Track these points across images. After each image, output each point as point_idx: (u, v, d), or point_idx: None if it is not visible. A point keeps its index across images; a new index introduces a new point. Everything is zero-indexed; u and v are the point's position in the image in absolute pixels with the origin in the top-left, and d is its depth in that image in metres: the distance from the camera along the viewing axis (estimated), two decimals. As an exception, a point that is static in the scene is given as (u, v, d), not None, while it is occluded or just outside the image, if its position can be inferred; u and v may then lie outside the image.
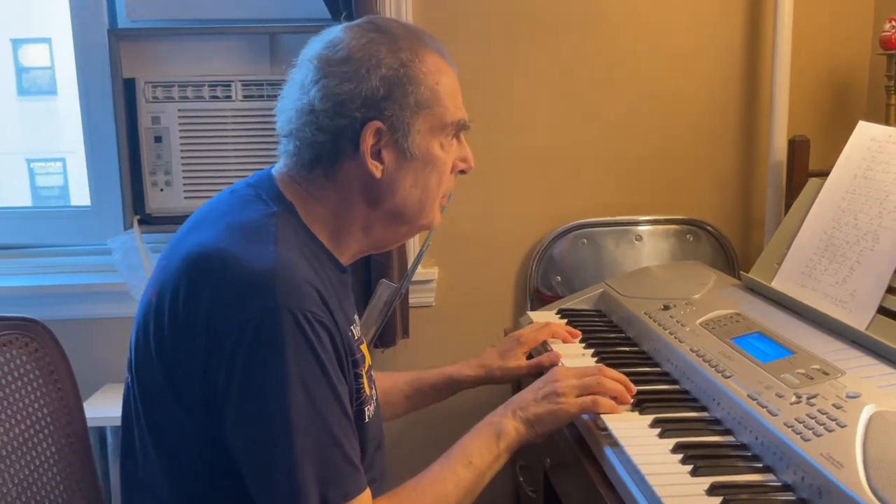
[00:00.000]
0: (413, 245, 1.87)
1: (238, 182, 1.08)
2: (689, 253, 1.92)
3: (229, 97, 1.86)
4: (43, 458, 1.26)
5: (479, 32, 1.88)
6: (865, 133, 1.41)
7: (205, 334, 0.91)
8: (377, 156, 1.02)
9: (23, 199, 6.51)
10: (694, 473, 0.98)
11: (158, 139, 1.87)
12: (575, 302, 1.73)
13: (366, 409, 1.06)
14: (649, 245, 1.93)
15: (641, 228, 1.94)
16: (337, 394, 0.94)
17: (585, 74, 1.91)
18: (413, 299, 1.91)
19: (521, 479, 1.72)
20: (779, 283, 1.44)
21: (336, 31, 1.04)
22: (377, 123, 1.01)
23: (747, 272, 1.52)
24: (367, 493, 0.98)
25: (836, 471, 0.88)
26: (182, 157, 1.87)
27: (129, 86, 1.87)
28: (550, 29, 1.89)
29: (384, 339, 1.79)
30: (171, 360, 0.95)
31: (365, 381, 1.06)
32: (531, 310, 1.87)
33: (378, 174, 1.02)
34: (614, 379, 1.17)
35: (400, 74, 1.01)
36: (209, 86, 1.86)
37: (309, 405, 0.90)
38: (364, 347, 1.12)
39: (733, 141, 1.95)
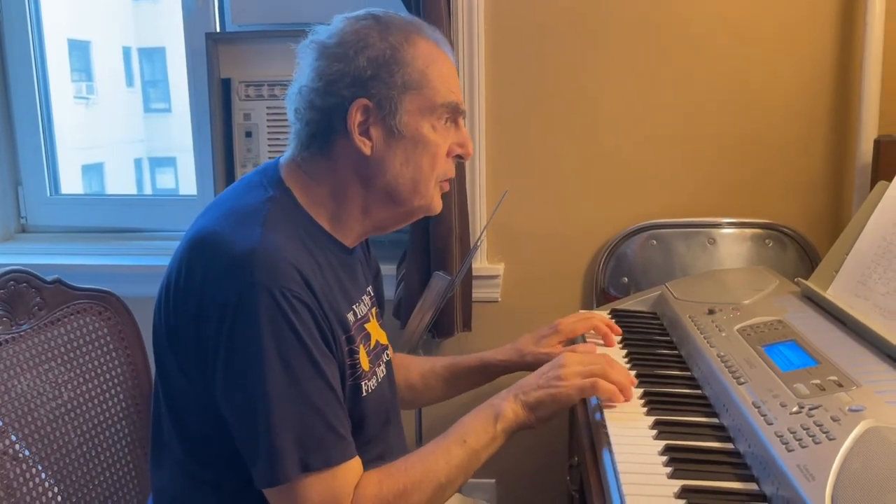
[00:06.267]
0: (474, 239, 1.91)
1: (251, 171, 1.18)
2: (767, 258, 1.83)
3: (312, 95, 1.98)
4: (109, 414, 1.42)
5: (551, 31, 1.88)
6: (937, 132, 1.29)
7: (196, 309, 1.00)
8: (366, 133, 1.07)
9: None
10: (671, 476, 0.96)
11: (249, 134, 2.02)
12: (632, 303, 1.70)
13: (363, 383, 1.11)
14: (723, 249, 1.86)
15: (716, 231, 1.86)
16: (318, 366, 0.99)
17: (663, 70, 1.86)
18: (478, 294, 1.95)
19: (568, 478, 1.72)
20: (833, 292, 1.35)
21: (336, 21, 1.11)
22: (364, 101, 1.06)
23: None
24: (355, 462, 1.03)
25: (806, 483, 0.83)
26: (269, 151, 2.02)
27: (227, 86, 2.04)
28: (624, 25, 1.86)
29: (440, 328, 1.84)
30: (173, 333, 1.05)
31: (364, 357, 1.11)
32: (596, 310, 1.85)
33: (367, 151, 1.07)
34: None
35: (387, 56, 1.06)
36: (295, 85, 1.99)
37: (287, 376, 0.97)
38: (371, 326, 1.18)
39: (821, 142, 1.83)
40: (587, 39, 1.87)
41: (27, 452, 1.27)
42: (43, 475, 1.29)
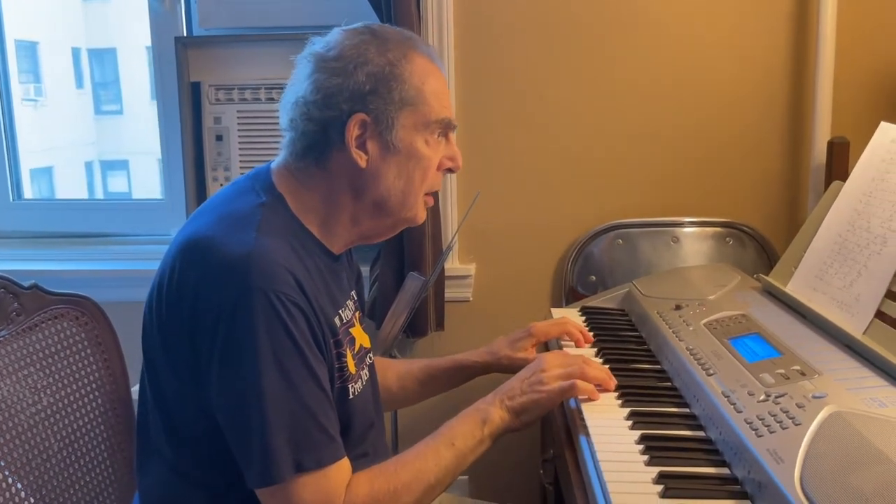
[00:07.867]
0: (447, 240, 1.94)
1: (241, 176, 1.19)
2: (728, 256, 1.90)
3: (284, 99, 2.00)
4: (88, 419, 1.42)
5: (520, 33, 1.93)
6: (886, 134, 1.37)
7: (191, 312, 1.01)
8: (362, 147, 1.10)
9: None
10: (649, 463, 1.00)
11: (219, 138, 2.03)
12: (600, 300, 1.75)
13: (350, 386, 1.13)
14: (686, 247, 1.92)
15: (679, 230, 1.93)
16: (311, 368, 1.02)
17: (628, 75, 1.92)
18: (450, 294, 1.98)
19: (542, 472, 1.76)
20: (793, 287, 1.42)
21: (334, 34, 1.13)
22: (362, 116, 1.08)
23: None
24: (344, 462, 1.05)
25: (776, 465, 0.89)
26: (240, 155, 2.03)
27: (196, 89, 2.04)
28: (591, 30, 1.91)
29: (415, 328, 1.87)
30: (166, 336, 1.06)
31: (350, 360, 1.14)
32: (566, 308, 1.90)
33: (363, 164, 1.10)
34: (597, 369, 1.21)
35: (386, 72, 1.09)
36: (265, 88, 2.01)
37: (281, 377, 0.99)
38: (356, 330, 1.20)
39: (778, 143, 1.91)
40: (554, 42, 1.93)
41: (2, 463, 1.26)
42: (18, 485, 1.28)
